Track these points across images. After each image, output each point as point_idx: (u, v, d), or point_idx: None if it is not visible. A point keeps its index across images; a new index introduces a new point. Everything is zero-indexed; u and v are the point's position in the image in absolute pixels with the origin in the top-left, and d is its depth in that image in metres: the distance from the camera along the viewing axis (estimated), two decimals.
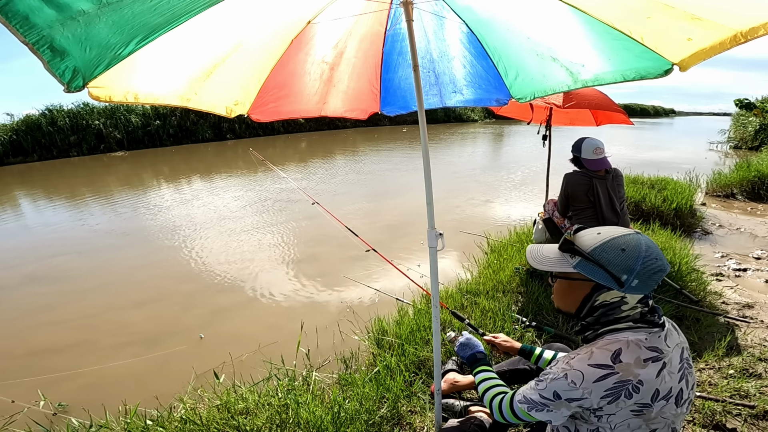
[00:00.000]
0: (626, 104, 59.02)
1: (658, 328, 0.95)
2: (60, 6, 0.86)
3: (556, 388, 0.94)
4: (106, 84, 1.08)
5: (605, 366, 0.90)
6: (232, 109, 1.53)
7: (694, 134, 23.69)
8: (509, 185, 8.12)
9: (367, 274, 3.93)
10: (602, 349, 0.93)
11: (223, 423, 1.79)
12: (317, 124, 21.40)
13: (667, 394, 0.91)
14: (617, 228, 0.99)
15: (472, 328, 1.93)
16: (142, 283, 4.05)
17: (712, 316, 2.70)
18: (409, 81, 1.84)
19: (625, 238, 0.94)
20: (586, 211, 2.93)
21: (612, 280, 0.92)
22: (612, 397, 0.90)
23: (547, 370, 1.00)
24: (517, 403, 1.06)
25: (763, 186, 6.36)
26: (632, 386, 0.89)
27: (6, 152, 13.63)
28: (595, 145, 2.84)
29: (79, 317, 3.42)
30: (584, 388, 0.91)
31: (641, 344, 0.91)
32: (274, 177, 9.24)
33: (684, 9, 1.01)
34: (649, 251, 0.92)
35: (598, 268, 0.94)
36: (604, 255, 0.93)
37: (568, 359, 0.96)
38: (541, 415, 1.00)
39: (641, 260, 0.91)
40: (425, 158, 1.43)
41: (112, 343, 3.04)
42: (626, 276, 0.91)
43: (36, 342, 3.08)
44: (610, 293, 0.96)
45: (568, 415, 0.97)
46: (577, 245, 0.98)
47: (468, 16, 1.54)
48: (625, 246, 0.93)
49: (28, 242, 5.46)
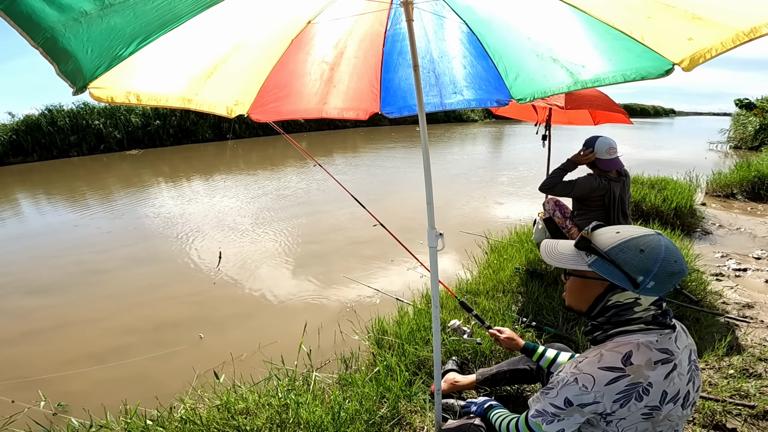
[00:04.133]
0: (626, 104, 58.98)
1: (669, 330, 0.94)
2: (62, 7, 0.86)
3: (567, 394, 0.92)
4: (107, 85, 1.08)
5: (616, 369, 0.89)
6: (232, 109, 1.54)
7: (694, 134, 23.69)
8: (509, 185, 8.12)
9: (367, 274, 3.93)
10: (612, 352, 0.91)
11: (223, 423, 1.79)
12: (317, 124, 21.39)
13: (675, 396, 0.90)
14: (637, 228, 0.96)
15: (478, 319, 1.91)
16: (142, 282, 4.05)
17: (712, 316, 2.70)
18: (409, 81, 1.84)
19: (645, 239, 0.92)
20: (596, 211, 2.88)
21: (627, 280, 0.90)
22: (624, 400, 0.88)
23: (554, 377, 0.98)
24: (531, 419, 1.02)
25: (763, 186, 6.36)
26: (642, 388, 0.87)
27: (6, 152, 13.64)
28: (609, 144, 2.77)
29: (83, 318, 3.42)
30: (596, 392, 0.89)
31: (652, 346, 0.90)
32: (272, 176, 9.25)
33: (685, 9, 1.01)
34: (669, 253, 0.89)
35: (614, 267, 0.91)
36: (621, 255, 0.91)
37: (576, 363, 0.95)
38: (554, 426, 0.96)
39: (660, 262, 0.88)
40: (425, 158, 1.43)
41: (112, 343, 3.04)
42: (642, 277, 0.89)
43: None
44: (624, 294, 0.94)
45: (582, 422, 0.95)
46: (594, 243, 0.95)
47: (468, 16, 1.54)
48: (644, 247, 0.90)
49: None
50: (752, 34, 0.93)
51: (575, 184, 2.82)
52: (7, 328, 3.32)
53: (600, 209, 2.87)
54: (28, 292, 3.93)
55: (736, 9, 0.97)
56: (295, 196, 7.35)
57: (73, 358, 2.85)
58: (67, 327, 3.30)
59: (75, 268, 4.48)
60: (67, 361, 2.83)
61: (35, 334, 3.21)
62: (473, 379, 1.86)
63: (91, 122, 15.30)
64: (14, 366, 2.81)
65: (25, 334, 3.22)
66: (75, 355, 2.91)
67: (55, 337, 3.17)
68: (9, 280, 4.24)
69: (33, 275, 4.33)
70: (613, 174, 2.85)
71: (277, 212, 6.31)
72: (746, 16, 0.94)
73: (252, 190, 7.99)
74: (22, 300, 3.78)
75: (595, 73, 1.31)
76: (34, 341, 3.12)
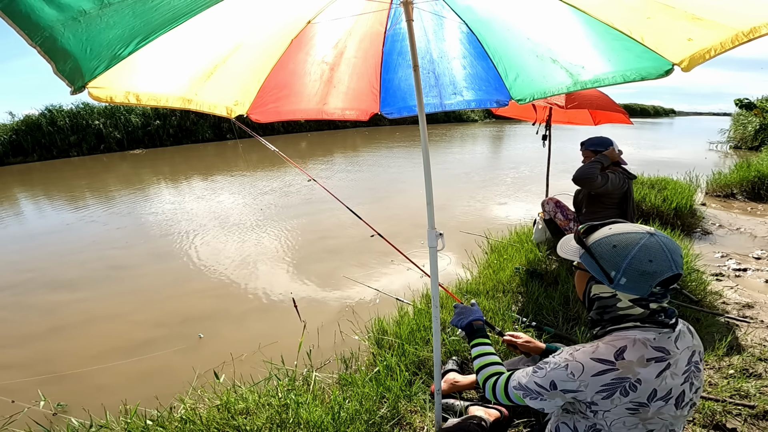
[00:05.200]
0: (626, 104, 58.98)
1: (668, 329, 0.94)
2: (61, 6, 0.86)
3: (555, 377, 0.95)
4: (106, 84, 1.08)
5: (607, 362, 0.91)
6: (232, 110, 1.53)
7: (694, 134, 23.68)
8: (509, 185, 8.12)
9: (368, 275, 3.93)
10: (608, 345, 0.93)
11: (223, 423, 1.79)
12: (317, 124, 21.38)
13: (666, 395, 0.91)
14: (631, 225, 0.98)
15: (488, 325, 1.84)
16: (140, 283, 4.05)
17: (712, 316, 2.70)
18: (408, 82, 1.84)
19: (625, 236, 0.95)
20: (609, 210, 2.88)
21: (603, 274, 0.95)
22: (607, 393, 0.90)
23: (548, 358, 1.01)
24: (512, 389, 1.07)
25: (763, 186, 6.35)
26: (630, 384, 0.89)
27: (6, 152, 13.65)
28: (616, 144, 2.87)
29: (80, 319, 3.43)
30: (581, 381, 0.92)
31: (648, 343, 0.91)
32: (273, 176, 9.25)
33: (684, 9, 1.01)
34: (643, 252, 0.91)
35: (593, 261, 0.97)
36: (598, 249, 0.97)
37: (572, 350, 0.97)
38: (535, 403, 1.01)
39: (629, 259, 0.91)
40: (425, 158, 1.43)
41: (111, 343, 3.04)
42: (614, 272, 0.94)
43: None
44: (601, 286, 0.99)
45: (560, 404, 0.99)
46: (586, 238, 1.02)
47: (468, 16, 1.54)
48: (617, 243, 0.94)
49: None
50: (752, 35, 0.93)
51: (609, 178, 2.77)
52: (36, 323, 3.39)
53: (614, 207, 2.86)
54: (54, 287, 4.01)
55: (735, 9, 0.97)
56: (299, 194, 7.37)
57: (101, 353, 2.91)
58: (94, 322, 3.37)
59: (98, 263, 4.57)
60: (95, 355, 2.88)
61: (63, 329, 3.27)
62: (473, 379, 1.86)
63: (91, 122, 15.31)
64: (44, 361, 2.85)
65: (53, 329, 3.28)
66: (104, 349, 2.96)
67: (83, 332, 3.23)
68: (34, 276, 4.32)
69: (57, 271, 4.41)
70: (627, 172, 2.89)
71: (279, 210, 6.32)
72: (746, 16, 0.94)
73: (254, 190, 7.99)
74: (49, 295, 3.86)
75: (594, 73, 1.31)
76: (63, 336, 3.18)
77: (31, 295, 3.87)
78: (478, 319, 1.38)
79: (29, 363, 2.84)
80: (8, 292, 3.95)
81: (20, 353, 2.98)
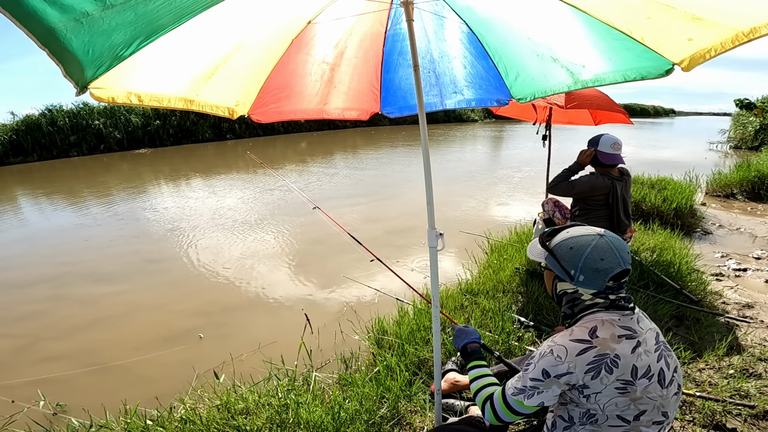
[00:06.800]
0: (626, 104, 58.95)
1: (629, 311, 1.04)
2: (64, 8, 0.86)
3: (545, 365, 1.00)
4: (108, 85, 1.08)
5: (584, 341, 0.98)
6: (233, 110, 1.53)
7: (694, 134, 23.68)
8: (509, 185, 8.12)
9: (368, 274, 3.93)
10: (580, 327, 1.02)
11: (223, 423, 1.79)
12: (317, 124, 21.39)
13: (647, 372, 0.96)
14: (585, 228, 1.09)
15: (486, 348, 1.68)
16: (139, 283, 4.05)
17: (712, 316, 2.70)
18: (409, 81, 1.84)
19: (579, 238, 1.06)
20: (598, 211, 2.89)
21: (564, 273, 1.06)
22: (594, 372, 0.95)
23: (532, 353, 1.08)
24: (510, 396, 1.07)
25: (763, 186, 6.36)
26: (611, 360, 0.95)
27: (6, 152, 13.63)
28: (614, 140, 2.81)
29: (150, 304, 3.53)
30: (569, 362, 0.97)
31: (615, 323, 1.00)
32: (274, 176, 9.25)
33: (685, 9, 1.01)
34: (595, 252, 1.02)
35: (555, 261, 1.08)
36: (558, 251, 1.08)
37: (551, 338, 1.04)
38: (535, 400, 1.02)
39: (583, 259, 1.03)
40: (425, 158, 1.43)
41: (183, 325, 3.14)
42: (573, 271, 1.04)
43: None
44: (565, 284, 1.09)
45: (558, 393, 1.01)
46: (549, 241, 1.12)
47: (468, 16, 1.54)
48: (573, 245, 1.05)
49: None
50: (752, 35, 0.93)
51: (575, 183, 2.84)
52: (79, 315, 3.44)
53: (603, 208, 2.87)
54: (94, 280, 4.10)
55: (735, 9, 0.97)
56: (296, 196, 7.37)
57: (143, 343, 2.98)
58: (136, 313, 3.44)
59: (134, 257, 4.68)
60: (138, 346, 2.94)
61: (105, 321, 3.33)
62: None
63: (91, 122, 15.30)
64: (89, 352, 2.91)
65: (96, 320, 3.34)
66: (146, 339, 3.03)
67: (125, 322, 3.29)
68: (71, 269, 4.40)
69: (95, 264, 4.50)
70: (615, 172, 2.85)
71: (277, 212, 6.32)
72: (746, 16, 0.94)
73: (254, 190, 7.99)
74: (90, 287, 3.94)
75: (595, 72, 1.31)
76: (105, 327, 3.24)
77: (70, 288, 3.96)
78: (474, 341, 1.37)
79: (74, 354, 2.90)
80: (47, 285, 4.03)
81: (65, 345, 3.03)
